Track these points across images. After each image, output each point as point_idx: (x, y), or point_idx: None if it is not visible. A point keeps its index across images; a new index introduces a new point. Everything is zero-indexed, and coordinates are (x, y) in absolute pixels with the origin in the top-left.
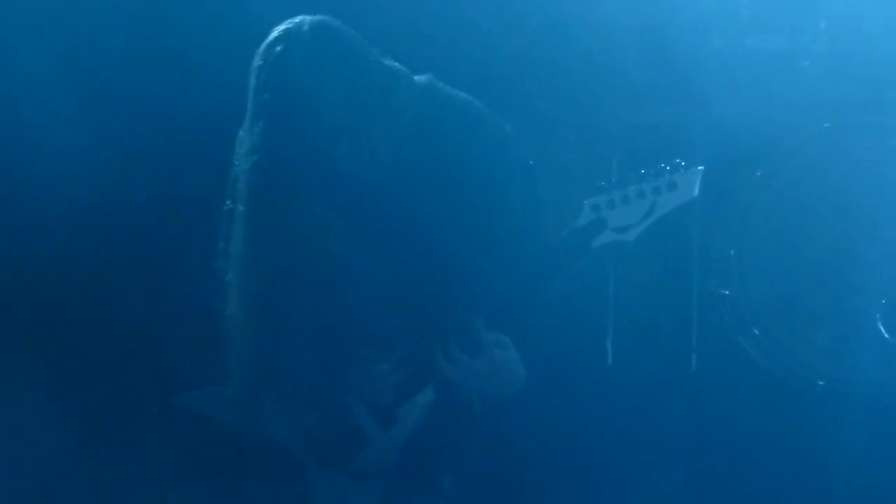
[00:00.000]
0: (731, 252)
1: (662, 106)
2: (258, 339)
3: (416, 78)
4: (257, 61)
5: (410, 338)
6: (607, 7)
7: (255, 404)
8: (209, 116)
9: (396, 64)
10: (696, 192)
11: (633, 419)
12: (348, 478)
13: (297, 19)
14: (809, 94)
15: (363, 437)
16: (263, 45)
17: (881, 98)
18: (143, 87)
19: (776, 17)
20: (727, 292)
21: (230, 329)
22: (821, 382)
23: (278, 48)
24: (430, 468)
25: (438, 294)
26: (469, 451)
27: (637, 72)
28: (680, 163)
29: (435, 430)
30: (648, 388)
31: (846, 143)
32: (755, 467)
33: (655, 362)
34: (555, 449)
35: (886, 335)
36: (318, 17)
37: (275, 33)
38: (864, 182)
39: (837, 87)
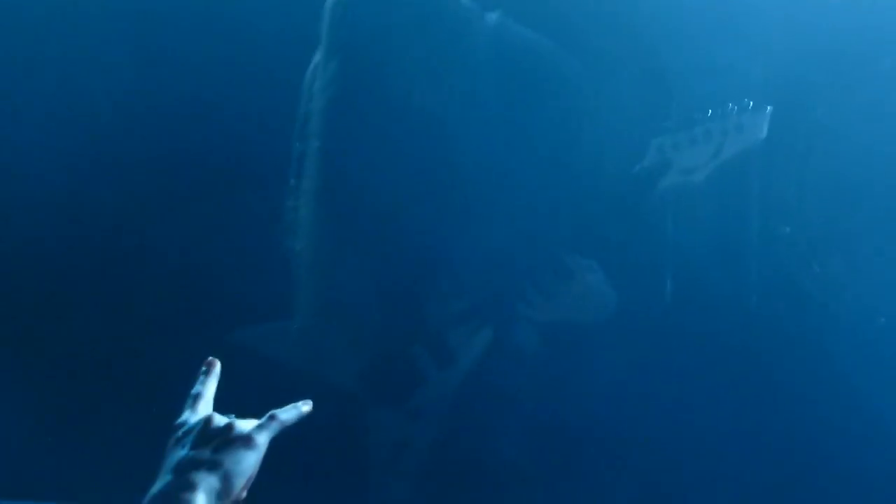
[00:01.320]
0: (791, 189)
1: (723, 46)
2: (330, 273)
3: (488, 15)
4: None
5: (485, 277)
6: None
7: (321, 340)
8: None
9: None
10: (765, 133)
11: (692, 360)
12: (405, 416)
13: None
14: (869, 32)
15: (421, 375)
16: None
17: None
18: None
19: None
20: (787, 230)
21: (301, 264)
22: (882, 319)
23: None
24: (486, 410)
25: (518, 228)
26: (525, 392)
27: (698, 13)
28: (748, 103)
29: (493, 370)
30: (707, 326)
31: None
32: (814, 409)
33: (714, 300)
34: (609, 389)
35: None
36: None
37: None
38: None
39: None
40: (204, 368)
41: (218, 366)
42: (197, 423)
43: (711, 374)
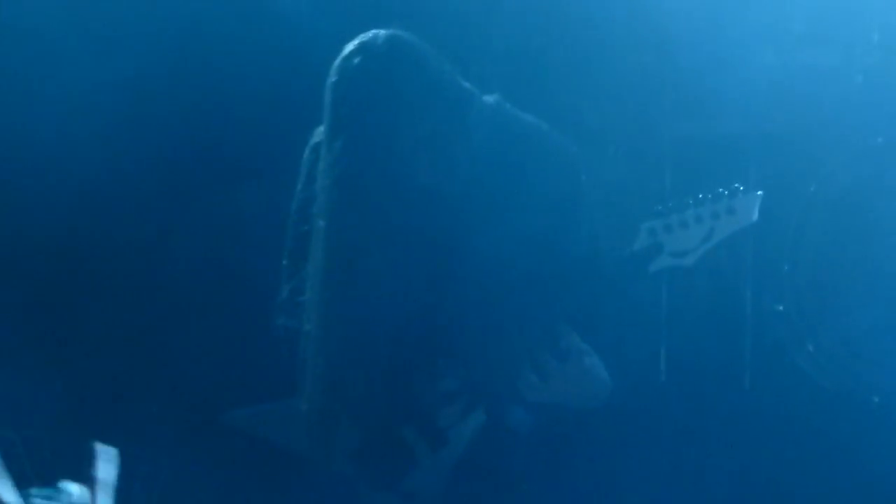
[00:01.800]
0: (785, 267)
1: (715, 121)
2: (336, 356)
3: (485, 98)
4: (333, 76)
5: (481, 357)
6: (660, 22)
7: (328, 424)
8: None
9: (467, 83)
10: (756, 217)
11: (686, 437)
12: (399, 499)
13: (371, 33)
14: (862, 108)
15: (413, 457)
16: (339, 60)
17: None
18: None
19: (828, 30)
20: (781, 308)
21: (307, 347)
22: (876, 398)
23: (355, 61)
24: (480, 490)
25: (515, 308)
26: (518, 470)
27: (689, 86)
28: (738, 187)
29: (486, 451)
30: (702, 405)
31: None
32: (809, 484)
33: (709, 379)
34: (605, 467)
35: None
36: (391, 31)
37: (350, 47)
38: None
39: (890, 100)
40: (105, 457)
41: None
42: None
43: (707, 452)
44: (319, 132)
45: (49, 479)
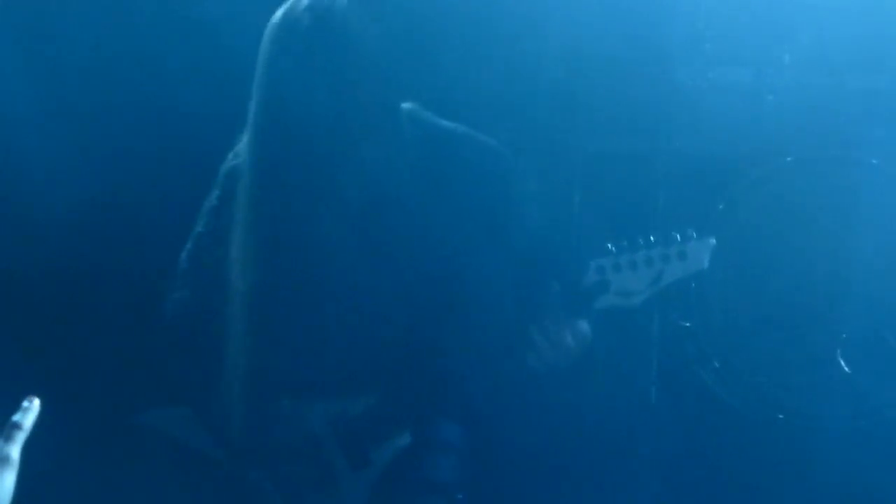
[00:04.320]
0: (692, 285)
1: (626, 138)
2: (262, 343)
3: (403, 105)
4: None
5: (405, 372)
6: (572, 39)
7: (253, 414)
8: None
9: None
10: (706, 264)
11: (592, 451)
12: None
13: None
14: (772, 127)
15: (332, 475)
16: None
17: (844, 131)
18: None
19: (740, 50)
20: (688, 324)
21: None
22: (780, 416)
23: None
24: None
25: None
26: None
27: (600, 103)
28: (691, 233)
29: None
30: (609, 418)
31: (808, 176)
32: (714, 499)
33: (616, 394)
34: (512, 483)
35: (846, 369)
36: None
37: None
38: (825, 216)
39: (800, 120)
40: (26, 403)
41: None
42: None
43: (611, 464)
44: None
45: None
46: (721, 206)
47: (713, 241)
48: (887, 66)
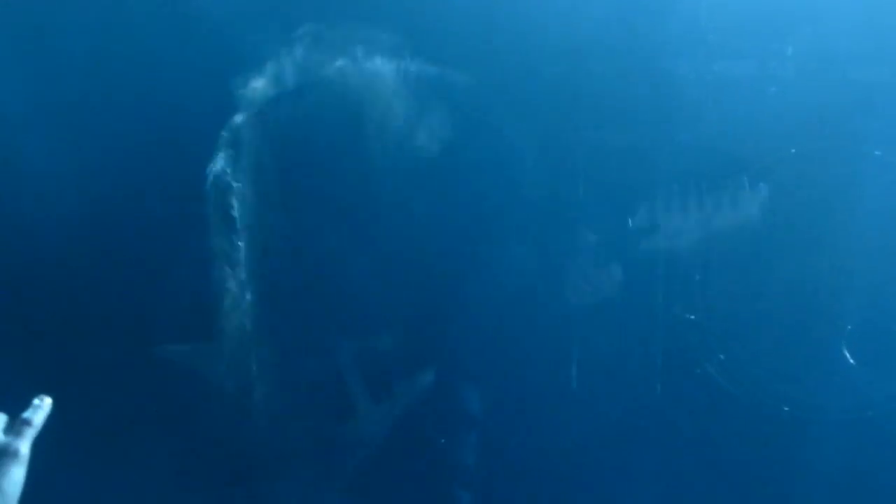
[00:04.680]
0: (697, 278)
1: (628, 131)
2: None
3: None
4: None
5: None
6: (575, 32)
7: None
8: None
9: None
10: (756, 212)
11: (598, 444)
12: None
13: None
14: (775, 119)
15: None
16: None
17: (847, 123)
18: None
19: (743, 43)
20: (693, 318)
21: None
22: (786, 408)
23: None
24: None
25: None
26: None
27: (604, 96)
28: (744, 181)
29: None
30: (614, 412)
31: (812, 168)
32: (719, 492)
33: (621, 387)
34: (517, 474)
35: (851, 360)
36: None
37: None
38: (829, 208)
39: (804, 112)
40: (37, 401)
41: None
42: None
43: (618, 456)
44: None
45: None
46: (725, 199)
47: (766, 189)
48: (890, 58)
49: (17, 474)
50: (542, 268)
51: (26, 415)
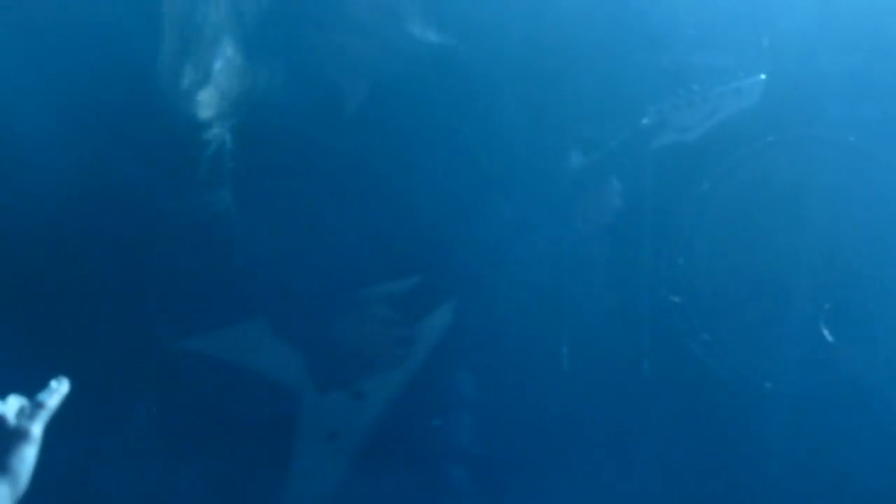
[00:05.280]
0: (681, 261)
1: (611, 121)
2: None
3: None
4: None
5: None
6: (556, 25)
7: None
8: None
9: None
10: (757, 98)
11: (588, 421)
12: (350, 397)
13: None
14: (753, 108)
15: (368, 356)
16: None
17: (822, 111)
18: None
19: (721, 35)
20: (677, 300)
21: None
22: (768, 384)
23: None
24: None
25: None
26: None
27: (585, 89)
28: (742, 74)
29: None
30: (603, 391)
31: (789, 155)
32: (705, 467)
33: (610, 367)
34: (510, 453)
35: (830, 338)
36: None
37: None
38: (806, 193)
39: (780, 102)
40: (54, 384)
41: (66, 384)
42: None
43: (608, 436)
44: None
45: None
46: (706, 185)
47: (763, 77)
48: (861, 48)
49: (28, 455)
50: (532, 254)
51: (41, 397)
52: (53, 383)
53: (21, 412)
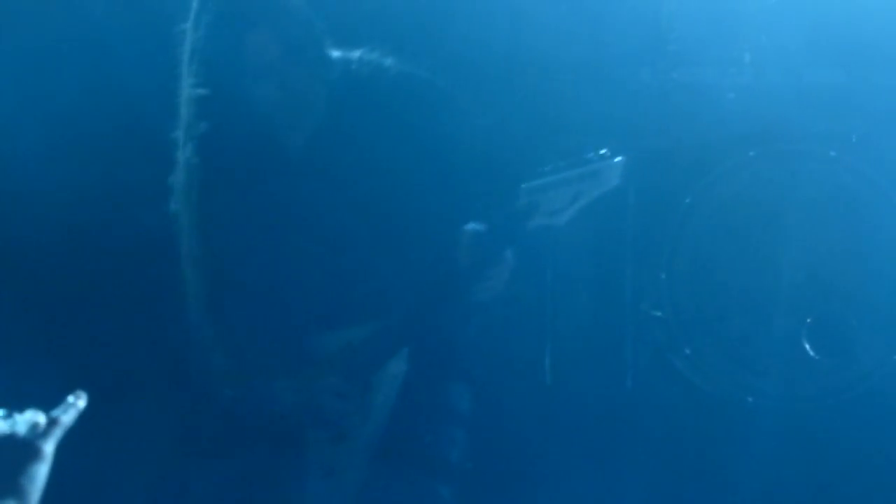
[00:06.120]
0: (663, 276)
1: (594, 136)
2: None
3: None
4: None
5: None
6: (540, 42)
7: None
8: None
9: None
10: (616, 182)
11: (571, 435)
12: (329, 441)
13: None
14: (735, 123)
15: (340, 403)
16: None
17: (803, 126)
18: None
19: (703, 50)
20: (659, 314)
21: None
22: (750, 398)
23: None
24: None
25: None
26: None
27: (569, 103)
28: (605, 153)
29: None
30: (586, 405)
31: (771, 170)
32: (688, 481)
33: (593, 381)
34: (493, 467)
35: (812, 352)
36: None
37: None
38: (787, 207)
39: (762, 116)
40: (71, 399)
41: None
42: None
43: (590, 449)
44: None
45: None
46: (688, 200)
47: (622, 159)
48: (841, 62)
49: (39, 473)
50: (517, 267)
51: (56, 412)
52: (70, 398)
53: (34, 428)
